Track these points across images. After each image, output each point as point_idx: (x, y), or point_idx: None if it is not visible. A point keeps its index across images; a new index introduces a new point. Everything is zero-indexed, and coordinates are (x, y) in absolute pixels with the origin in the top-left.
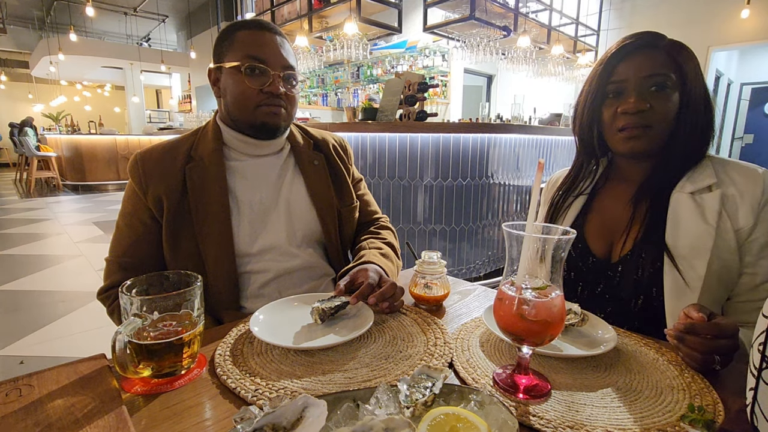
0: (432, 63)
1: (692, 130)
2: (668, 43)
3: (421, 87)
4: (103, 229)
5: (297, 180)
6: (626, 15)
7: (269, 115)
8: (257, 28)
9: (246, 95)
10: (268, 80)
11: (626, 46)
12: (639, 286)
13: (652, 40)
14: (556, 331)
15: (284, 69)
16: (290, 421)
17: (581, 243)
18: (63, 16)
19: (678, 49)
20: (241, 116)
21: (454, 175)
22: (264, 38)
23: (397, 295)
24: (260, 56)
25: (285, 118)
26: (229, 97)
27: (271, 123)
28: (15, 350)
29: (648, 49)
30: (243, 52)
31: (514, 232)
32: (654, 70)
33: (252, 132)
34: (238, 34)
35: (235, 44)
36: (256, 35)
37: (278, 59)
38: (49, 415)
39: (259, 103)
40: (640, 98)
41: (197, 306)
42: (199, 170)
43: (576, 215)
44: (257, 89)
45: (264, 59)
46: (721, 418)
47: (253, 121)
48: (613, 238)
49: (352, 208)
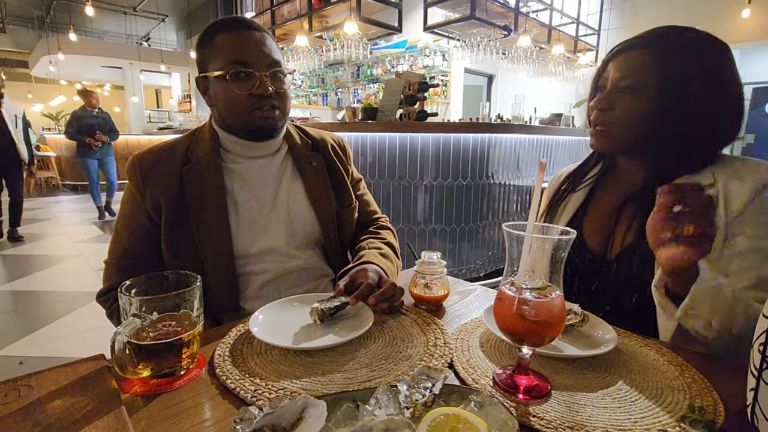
0: (432, 63)
1: (684, 134)
2: (664, 42)
3: (421, 87)
4: (102, 229)
5: (295, 182)
6: (627, 15)
7: (264, 118)
8: (234, 29)
9: (236, 102)
10: (255, 82)
11: (620, 45)
12: (633, 284)
13: (644, 39)
14: (557, 331)
15: (270, 66)
16: (290, 422)
17: (579, 239)
18: (62, 15)
19: (677, 49)
20: (236, 122)
21: (454, 175)
22: (244, 38)
23: (396, 296)
24: (243, 59)
25: (280, 117)
26: (220, 106)
27: (266, 125)
28: (14, 350)
29: (634, 49)
30: (225, 58)
31: (515, 233)
32: (626, 71)
33: (249, 136)
34: (217, 39)
35: (216, 51)
36: (235, 37)
37: (262, 58)
38: (48, 416)
39: (251, 108)
40: (605, 97)
41: (196, 306)
42: (196, 172)
43: (575, 211)
44: (246, 94)
45: (247, 61)
46: (722, 418)
47: (249, 126)
48: (610, 235)
49: (351, 209)
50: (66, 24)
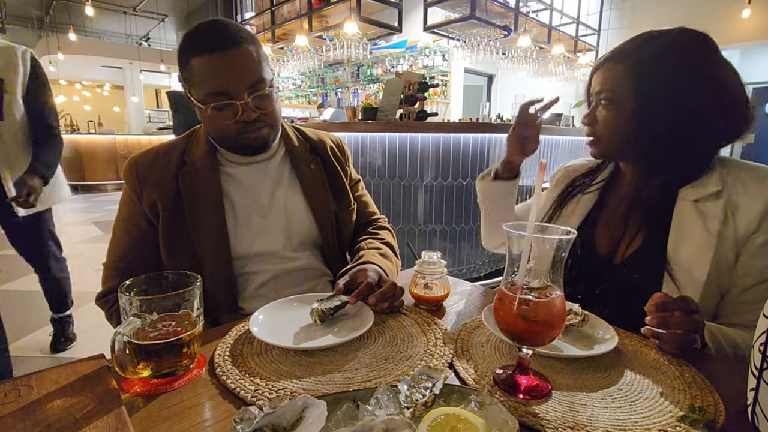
0: (432, 63)
1: (654, 139)
2: (635, 54)
3: (421, 87)
4: (102, 229)
5: (293, 185)
6: (627, 15)
7: (253, 139)
8: (208, 50)
9: (223, 128)
10: (238, 110)
11: (601, 57)
12: (639, 290)
13: (617, 52)
14: (557, 331)
15: (251, 89)
16: (290, 422)
17: (589, 241)
18: (62, 15)
19: (648, 59)
20: (225, 144)
21: (454, 175)
22: (219, 63)
23: (396, 295)
24: (221, 89)
25: (269, 132)
26: (208, 128)
27: (256, 144)
28: (14, 350)
29: (609, 63)
30: (204, 89)
31: (515, 233)
32: (602, 85)
33: (240, 152)
34: (194, 63)
35: (194, 77)
36: (210, 62)
37: (241, 82)
38: (48, 416)
39: (238, 132)
40: (591, 112)
41: (196, 306)
42: (192, 175)
43: (587, 212)
44: (232, 122)
45: (226, 90)
46: (722, 418)
47: (238, 146)
48: (619, 240)
49: (350, 211)
50: (66, 24)
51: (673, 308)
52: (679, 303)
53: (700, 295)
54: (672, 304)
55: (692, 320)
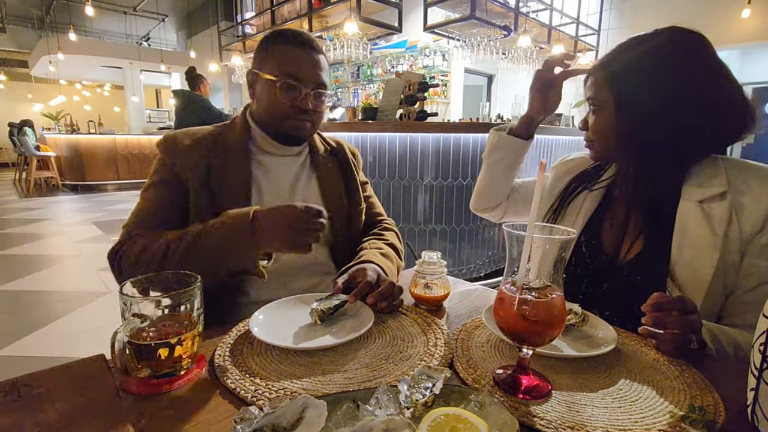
0: (432, 63)
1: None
2: (616, 62)
3: (421, 87)
4: (102, 229)
5: (312, 181)
6: (627, 15)
7: (296, 128)
8: (297, 45)
9: (277, 107)
10: (299, 96)
11: (592, 66)
12: (641, 291)
13: (603, 61)
14: (557, 331)
15: (316, 87)
16: (290, 422)
17: (594, 240)
18: (62, 15)
19: (628, 64)
20: (270, 123)
21: (454, 175)
22: (301, 56)
23: (395, 295)
24: (295, 74)
25: (309, 130)
26: (262, 104)
27: (296, 134)
28: (14, 350)
29: (595, 69)
30: (280, 68)
31: (515, 232)
32: (590, 92)
33: (278, 138)
34: (278, 47)
35: (273, 57)
36: (294, 52)
37: (312, 77)
38: (48, 416)
39: (287, 116)
40: (584, 118)
41: (196, 306)
42: (223, 157)
43: (593, 211)
44: (288, 104)
45: (299, 77)
46: (722, 418)
47: (281, 130)
48: (623, 240)
49: (360, 210)
50: (66, 24)
51: (670, 308)
52: (676, 303)
53: (704, 296)
54: (669, 303)
55: (689, 320)
